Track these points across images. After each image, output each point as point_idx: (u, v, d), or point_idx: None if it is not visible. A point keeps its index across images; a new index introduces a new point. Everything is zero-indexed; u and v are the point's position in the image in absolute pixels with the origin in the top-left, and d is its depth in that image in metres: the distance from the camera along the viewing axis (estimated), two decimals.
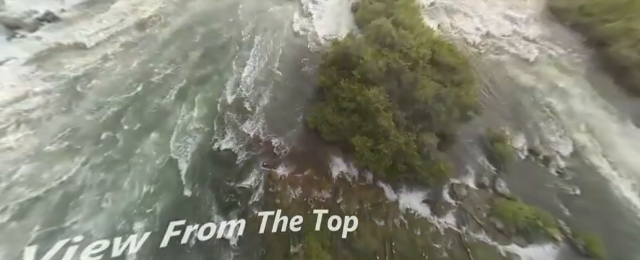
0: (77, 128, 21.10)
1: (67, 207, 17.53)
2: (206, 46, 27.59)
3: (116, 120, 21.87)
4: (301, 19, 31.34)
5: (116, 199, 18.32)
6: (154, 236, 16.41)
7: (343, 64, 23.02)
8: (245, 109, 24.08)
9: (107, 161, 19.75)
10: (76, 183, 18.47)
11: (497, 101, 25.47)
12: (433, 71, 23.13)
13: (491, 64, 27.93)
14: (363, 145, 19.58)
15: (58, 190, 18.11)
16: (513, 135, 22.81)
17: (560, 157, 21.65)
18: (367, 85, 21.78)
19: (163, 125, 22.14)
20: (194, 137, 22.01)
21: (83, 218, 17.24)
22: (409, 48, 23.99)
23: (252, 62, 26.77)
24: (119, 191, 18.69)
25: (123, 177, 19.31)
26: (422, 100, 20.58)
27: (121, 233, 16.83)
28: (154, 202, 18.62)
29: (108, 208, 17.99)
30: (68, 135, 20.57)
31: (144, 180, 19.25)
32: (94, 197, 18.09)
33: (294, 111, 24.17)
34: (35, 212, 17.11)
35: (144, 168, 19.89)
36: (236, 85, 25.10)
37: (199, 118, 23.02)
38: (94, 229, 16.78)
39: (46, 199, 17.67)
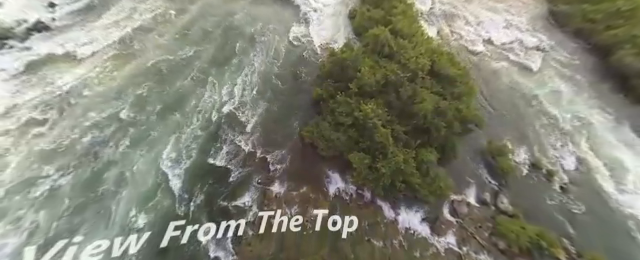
0: (64, 144, 20.56)
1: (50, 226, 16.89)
2: (199, 57, 26.82)
3: (104, 136, 21.17)
4: (298, 26, 30.59)
5: (105, 218, 17.81)
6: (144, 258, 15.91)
7: (340, 77, 22.40)
8: (240, 122, 23.37)
9: (94, 177, 19.11)
10: (58, 203, 17.77)
11: (498, 111, 24.86)
12: (432, 82, 22.51)
13: (492, 72, 27.29)
14: (360, 162, 18.97)
15: (39, 209, 17.54)
16: (515, 148, 22.24)
17: (563, 171, 21.09)
18: (364, 98, 21.24)
19: (154, 141, 21.45)
20: (187, 153, 21.45)
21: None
22: (408, 58, 23.38)
23: (247, 73, 26.03)
24: (107, 210, 18.17)
25: (111, 197, 18.73)
26: (421, 114, 19.99)
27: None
28: (143, 222, 18.09)
29: (95, 229, 17.51)
30: (55, 150, 20.11)
31: (133, 199, 18.63)
32: (80, 218, 17.51)
33: (290, 124, 23.48)
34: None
35: (134, 187, 19.27)
36: (231, 97, 24.36)
37: (192, 132, 22.33)
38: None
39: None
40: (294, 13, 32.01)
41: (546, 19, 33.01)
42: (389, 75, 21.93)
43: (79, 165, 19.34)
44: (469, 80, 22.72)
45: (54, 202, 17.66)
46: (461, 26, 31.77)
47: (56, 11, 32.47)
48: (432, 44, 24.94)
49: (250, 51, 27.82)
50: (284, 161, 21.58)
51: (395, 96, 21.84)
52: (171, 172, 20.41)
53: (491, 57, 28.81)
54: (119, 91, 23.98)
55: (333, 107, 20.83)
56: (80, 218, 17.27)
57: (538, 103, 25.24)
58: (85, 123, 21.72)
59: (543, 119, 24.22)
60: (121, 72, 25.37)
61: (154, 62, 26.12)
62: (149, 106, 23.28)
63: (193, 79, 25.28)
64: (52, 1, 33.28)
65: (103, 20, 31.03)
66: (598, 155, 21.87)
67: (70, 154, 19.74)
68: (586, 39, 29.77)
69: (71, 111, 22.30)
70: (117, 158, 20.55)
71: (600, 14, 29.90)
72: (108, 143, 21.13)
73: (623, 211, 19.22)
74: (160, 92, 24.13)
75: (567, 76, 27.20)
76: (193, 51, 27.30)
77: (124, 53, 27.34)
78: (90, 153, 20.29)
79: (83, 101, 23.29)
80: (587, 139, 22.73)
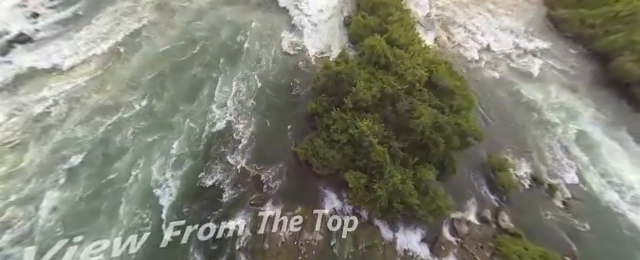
0: (43, 164, 19.47)
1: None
2: (188, 70, 25.79)
3: (85, 156, 20.01)
4: (291, 35, 29.59)
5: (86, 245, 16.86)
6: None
7: (334, 90, 21.55)
8: (233, 138, 22.45)
9: (74, 201, 18.13)
10: (37, 231, 16.84)
11: (497, 122, 24.22)
12: (430, 95, 21.79)
13: (491, 81, 26.65)
14: (357, 182, 18.22)
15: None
16: (515, 162, 21.66)
17: (565, 185, 20.54)
18: (360, 113, 20.50)
19: (141, 160, 20.42)
20: (177, 172, 20.51)
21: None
22: (405, 69, 22.60)
23: (240, 86, 24.99)
24: (91, 236, 17.27)
25: (93, 221, 17.82)
26: (419, 130, 19.29)
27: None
28: (129, 250, 17.23)
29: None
30: (34, 170, 19.04)
31: (118, 223, 17.74)
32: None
33: (284, 140, 22.63)
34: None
35: (118, 208, 18.43)
36: (223, 112, 23.38)
37: (182, 150, 21.42)
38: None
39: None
40: (287, 21, 30.95)
41: (544, 24, 32.36)
42: (385, 88, 21.21)
43: (58, 187, 18.49)
44: (468, 92, 22.03)
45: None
46: (459, 32, 31.06)
47: (39, 22, 31.22)
48: (429, 53, 24.16)
49: (242, 62, 26.80)
50: (278, 180, 20.80)
51: (392, 110, 21.12)
52: (159, 194, 19.61)
53: (489, 64, 28.14)
54: (102, 107, 22.96)
55: (328, 123, 20.09)
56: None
57: (537, 113, 24.66)
58: (64, 143, 20.61)
59: (543, 130, 23.64)
60: (105, 87, 24.26)
61: (139, 76, 25.04)
62: (134, 123, 22.28)
63: (182, 93, 24.25)
64: (35, 11, 32.27)
65: (87, 31, 29.75)
66: (600, 168, 21.37)
67: (47, 174, 18.83)
68: (585, 45, 29.19)
69: (49, 131, 21.22)
70: (99, 179, 19.57)
71: (599, 19, 29.34)
72: (88, 164, 20.05)
73: (629, 227, 18.74)
74: (146, 108, 23.13)
75: (566, 84, 26.65)
76: (182, 63, 26.25)
77: (108, 67, 26.21)
78: (69, 174, 19.29)
79: (64, 118, 22.32)
80: (588, 151, 22.19)
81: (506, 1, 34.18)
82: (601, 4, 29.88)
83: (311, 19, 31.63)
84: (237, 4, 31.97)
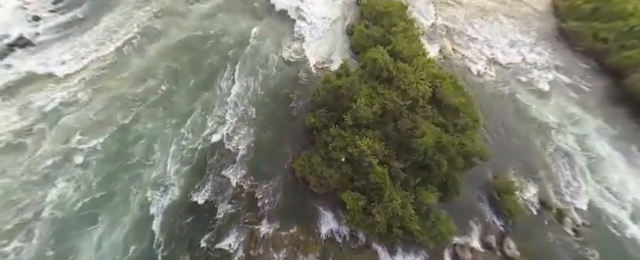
0: (37, 172, 19.06)
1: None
2: (186, 79, 25.09)
3: (83, 167, 19.57)
4: (292, 43, 28.95)
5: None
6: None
7: (334, 105, 20.82)
8: (229, 151, 21.77)
9: (65, 220, 17.55)
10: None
11: (504, 139, 23.25)
12: (434, 112, 20.93)
13: (497, 96, 25.67)
14: (355, 204, 17.42)
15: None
16: (522, 184, 20.66)
17: (575, 211, 19.52)
18: (360, 130, 19.74)
19: (133, 173, 19.77)
20: (169, 187, 19.75)
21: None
22: (408, 84, 21.77)
23: (238, 96, 24.35)
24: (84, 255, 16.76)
25: (87, 238, 17.35)
26: (421, 150, 18.49)
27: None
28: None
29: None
30: (25, 183, 18.55)
31: (109, 239, 17.12)
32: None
33: (282, 154, 21.89)
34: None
35: (110, 223, 17.76)
36: (219, 124, 22.76)
37: (176, 164, 20.69)
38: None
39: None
40: (289, 29, 30.29)
41: (555, 36, 31.27)
42: (387, 104, 20.44)
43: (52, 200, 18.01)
44: (474, 109, 21.12)
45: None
46: (465, 43, 30.15)
47: (40, 25, 31.16)
48: (434, 67, 23.28)
49: (241, 72, 26.09)
50: (274, 197, 20.10)
51: (393, 127, 20.33)
52: (151, 209, 19.08)
53: (496, 79, 27.16)
54: (99, 115, 22.36)
55: (326, 140, 19.37)
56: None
57: (546, 131, 23.61)
58: (61, 152, 20.09)
59: (552, 149, 22.62)
60: (103, 94, 23.70)
61: (136, 84, 24.45)
62: (129, 134, 21.67)
63: (179, 103, 23.62)
64: (36, 14, 32.16)
65: (88, 35, 29.42)
66: (613, 192, 20.29)
67: (41, 184, 18.34)
68: (597, 59, 28.10)
69: (46, 138, 20.90)
70: (93, 192, 18.97)
71: (612, 33, 28.19)
72: (82, 177, 19.40)
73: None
74: (142, 118, 22.51)
75: (577, 101, 25.55)
76: (180, 72, 25.57)
77: (107, 73, 25.73)
78: (63, 188, 18.82)
79: (61, 126, 21.95)
80: (600, 173, 21.09)
81: (515, 12, 33.23)
82: (615, 17, 28.76)
83: (313, 27, 30.94)
84: (237, 11, 31.39)
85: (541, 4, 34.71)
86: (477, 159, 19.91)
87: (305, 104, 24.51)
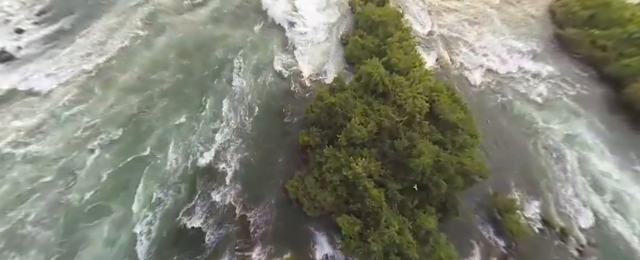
0: (22, 194, 17.99)
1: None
2: (173, 95, 23.89)
3: (66, 189, 18.63)
4: (285, 55, 28.05)
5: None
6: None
7: (328, 123, 20.04)
8: (218, 173, 20.83)
9: (51, 248, 16.63)
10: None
11: (504, 154, 22.50)
12: (431, 128, 20.24)
13: (496, 107, 25.01)
14: (350, 229, 16.57)
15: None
16: (524, 201, 20.03)
17: (580, 229, 18.91)
18: (355, 149, 18.94)
19: (119, 198, 18.77)
20: (156, 211, 18.82)
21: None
22: (404, 99, 21.02)
23: (228, 113, 23.34)
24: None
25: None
26: (419, 171, 17.79)
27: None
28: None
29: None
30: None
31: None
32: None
33: (274, 175, 20.99)
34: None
35: (94, 251, 16.87)
36: (208, 143, 21.82)
37: (163, 186, 19.70)
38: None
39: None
40: (281, 39, 29.35)
41: (552, 43, 30.68)
42: (383, 121, 19.72)
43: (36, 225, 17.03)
44: (473, 125, 20.43)
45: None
46: (462, 52, 29.51)
47: (23, 38, 30.03)
48: (431, 80, 22.54)
49: (231, 86, 25.11)
50: (266, 220, 19.20)
51: (390, 144, 19.60)
52: (137, 235, 18.13)
53: (495, 89, 26.54)
54: (81, 136, 21.10)
55: (320, 161, 18.60)
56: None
57: (546, 144, 23.02)
58: (37, 179, 18.78)
59: (553, 164, 22.03)
60: (84, 114, 22.33)
61: (119, 101, 23.30)
62: (113, 157, 20.51)
63: (166, 121, 22.50)
64: (20, 27, 31.03)
65: (72, 49, 28.39)
66: (618, 209, 19.71)
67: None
68: (596, 68, 27.60)
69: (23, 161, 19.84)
70: (76, 217, 18.12)
71: (611, 41, 27.69)
72: (64, 203, 18.39)
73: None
74: (127, 139, 21.44)
75: (577, 111, 25.02)
76: (167, 88, 24.44)
77: (89, 89, 24.51)
78: (44, 217, 17.72)
79: (39, 150, 20.41)
80: (604, 189, 20.50)
81: (511, 18, 32.67)
82: (613, 24, 28.29)
83: (306, 37, 30.10)
84: (229, 22, 30.32)
85: (538, 10, 34.23)
86: (477, 177, 19.36)
87: (299, 119, 23.65)
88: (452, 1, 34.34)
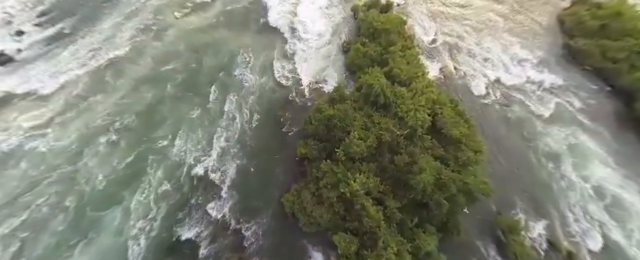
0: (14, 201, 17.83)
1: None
2: (170, 102, 23.44)
3: (57, 202, 18.26)
4: (284, 62, 27.43)
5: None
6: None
7: (327, 136, 19.48)
8: (214, 184, 20.36)
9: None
10: None
11: (509, 170, 21.65)
12: (433, 143, 19.55)
13: (501, 121, 24.16)
14: (347, 248, 15.93)
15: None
16: (529, 220, 19.20)
17: (588, 252, 18.07)
18: (354, 163, 18.34)
19: (112, 208, 18.43)
20: (149, 224, 18.32)
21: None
22: (406, 112, 20.39)
23: (225, 122, 22.80)
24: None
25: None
26: (420, 189, 17.15)
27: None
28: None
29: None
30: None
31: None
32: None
33: (270, 187, 20.46)
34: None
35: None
36: (204, 153, 21.30)
37: (156, 198, 19.24)
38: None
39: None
40: (281, 45, 28.70)
41: (561, 54, 29.67)
42: (383, 135, 19.11)
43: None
44: (477, 140, 19.67)
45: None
46: (467, 62, 28.65)
47: (23, 40, 29.97)
48: (434, 92, 21.81)
49: (229, 94, 24.55)
50: (262, 235, 18.60)
51: (390, 159, 18.98)
52: (129, 247, 17.79)
53: (500, 101, 25.65)
54: (77, 143, 20.88)
55: (317, 175, 18.05)
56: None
57: (554, 161, 22.12)
58: (31, 187, 18.64)
59: (560, 181, 21.14)
60: (82, 120, 22.13)
61: (117, 107, 22.94)
62: (107, 164, 20.20)
63: (161, 129, 22.07)
64: (21, 29, 30.92)
65: (72, 52, 28.23)
66: (628, 231, 18.80)
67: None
68: (607, 80, 26.59)
69: (22, 168, 19.59)
70: (70, 225, 17.86)
71: (623, 52, 26.66)
72: (59, 208, 18.23)
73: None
74: (119, 144, 21.06)
75: (586, 126, 24.05)
76: (165, 95, 24.02)
77: (88, 95, 24.08)
78: (36, 225, 17.57)
79: (37, 155, 20.34)
80: (613, 209, 19.58)
81: (519, 26, 31.72)
82: (625, 34, 27.29)
83: (307, 44, 29.42)
84: (228, 27, 29.73)
85: (546, 18, 33.22)
86: (480, 195, 18.63)
87: (297, 129, 22.98)
88: (458, 8, 33.50)
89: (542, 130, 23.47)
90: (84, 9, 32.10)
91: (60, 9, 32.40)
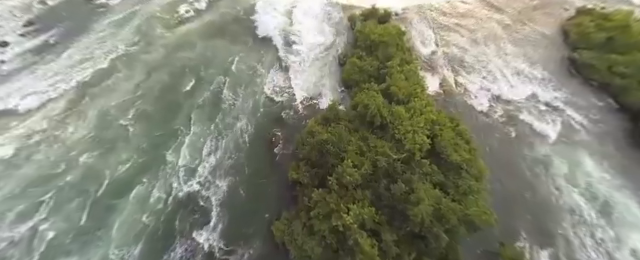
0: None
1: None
2: (156, 121, 22.35)
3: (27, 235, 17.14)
4: (278, 76, 26.33)
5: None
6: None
7: (319, 161, 18.38)
8: (202, 209, 19.25)
9: None
10: None
11: (513, 195, 20.43)
12: (433, 168, 18.41)
13: (504, 141, 22.98)
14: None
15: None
16: (534, 252, 18.10)
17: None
18: (348, 190, 17.26)
19: (92, 233, 17.40)
20: (131, 252, 17.29)
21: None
22: (403, 134, 19.32)
23: (214, 142, 21.68)
24: None
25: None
26: (417, 221, 16.12)
27: None
28: None
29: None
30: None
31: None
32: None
33: (261, 211, 19.32)
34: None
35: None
36: (192, 176, 20.18)
37: (139, 224, 18.17)
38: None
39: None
40: (274, 58, 27.65)
41: (565, 68, 28.54)
42: (379, 160, 18.03)
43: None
44: (478, 165, 18.48)
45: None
46: (468, 75, 27.39)
47: (7, 52, 28.88)
48: (433, 112, 20.71)
49: (219, 111, 23.46)
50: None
51: (386, 185, 17.88)
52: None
53: (503, 118, 24.48)
54: (58, 162, 19.84)
55: (308, 205, 16.98)
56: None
57: (558, 183, 20.97)
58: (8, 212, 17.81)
59: (565, 207, 20.05)
60: (63, 138, 21.10)
61: (100, 126, 22.01)
62: (88, 187, 19.20)
63: (147, 150, 20.98)
64: (5, 40, 29.86)
65: (57, 63, 27.19)
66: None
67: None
68: (613, 96, 25.44)
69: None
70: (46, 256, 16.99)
71: (630, 67, 25.51)
72: (33, 244, 16.99)
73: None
74: (105, 166, 20.03)
75: (592, 147, 22.84)
76: (150, 112, 22.97)
77: (70, 111, 23.03)
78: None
79: (15, 174, 19.44)
80: (623, 239, 18.46)
81: (522, 38, 30.61)
82: (632, 48, 26.21)
83: (301, 56, 28.22)
84: (217, 39, 28.67)
85: (549, 28, 32.12)
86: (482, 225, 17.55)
87: (289, 153, 21.71)
88: (459, 18, 32.42)
89: (545, 149, 22.34)
90: (71, 19, 31.10)
91: (47, 18, 31.45)
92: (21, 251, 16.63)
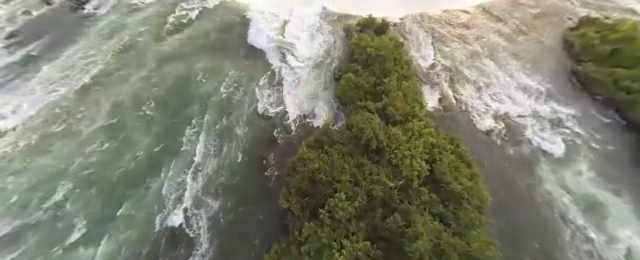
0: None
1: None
2: (141, 142, 21.20)
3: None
4: (270, 91, 25.09)
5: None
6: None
7: (311, 191, 17.30)
8: (189, 240, 18.09)
9: None
10: None
11: (516, 225, 19.23)
12: (432, 197, 17.37)
13: (506, 161, 21.82)
14: None
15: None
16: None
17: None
18: (340, 224, 16.17)
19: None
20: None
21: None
22: (400, 159, 18.27)
23: (201, 167, 20.54)
24: None
25: None
26: (416, 258, 15.00)
27: None
28: None
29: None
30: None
31: None
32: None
33: (250, 242, 18.10)
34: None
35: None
36: (178, 203, 19.09)
37: (122, 256, 17.20)
38: None
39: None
40: (266, 71, 26.41)
41: (569, 81, 27.38)
42: (374, 189, 16.97)
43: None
44: (481, 193, 17.43)
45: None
46: (468, 91, 26.24)
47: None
48: (432, 133, 19.72)
49: (207, 131, 22.28)
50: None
51: (382, 215, 16.82)
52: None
53: (505, 137, 23.35)
54: (32, 190, 18.77)
55: (299, 240, 15.91)
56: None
57: (563, 210, 19.85)
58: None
59: (572, 236, 18.94)
60: (36, 166, 19.93)
61: (81, 146, 20.91)
62: (68, 213, 18.17)
63: (130, 175, 19.90)
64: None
65: (38, 79, 26.05)
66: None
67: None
68: (620, 112, 24.38)
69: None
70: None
71: (637, 82, 24.53)
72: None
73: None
74: (85, 193, 19.04)
75: (600, 167, 21.69)
76: (134, 132, 21.89)
77: (48, 133, 21.85)
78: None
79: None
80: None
81: (524, 50, 29.43)
82: (638, 62, 25.24)
83: (295, 70, 26.98)
84: (207, 52, 27.43)
85: (552, 39, 31.05)
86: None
87: (280, 173, 20.71)
88: (459, 29, 31.25)
89: (550, 171, 21.16)
90: (57, 30, 29.93)
91: (31, 30, 30.24)
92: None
